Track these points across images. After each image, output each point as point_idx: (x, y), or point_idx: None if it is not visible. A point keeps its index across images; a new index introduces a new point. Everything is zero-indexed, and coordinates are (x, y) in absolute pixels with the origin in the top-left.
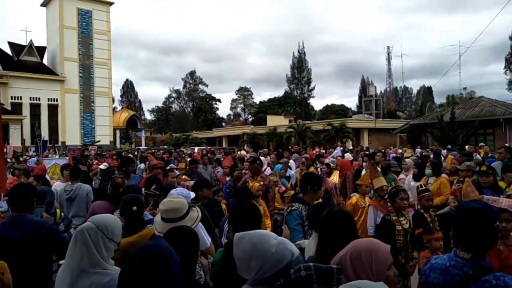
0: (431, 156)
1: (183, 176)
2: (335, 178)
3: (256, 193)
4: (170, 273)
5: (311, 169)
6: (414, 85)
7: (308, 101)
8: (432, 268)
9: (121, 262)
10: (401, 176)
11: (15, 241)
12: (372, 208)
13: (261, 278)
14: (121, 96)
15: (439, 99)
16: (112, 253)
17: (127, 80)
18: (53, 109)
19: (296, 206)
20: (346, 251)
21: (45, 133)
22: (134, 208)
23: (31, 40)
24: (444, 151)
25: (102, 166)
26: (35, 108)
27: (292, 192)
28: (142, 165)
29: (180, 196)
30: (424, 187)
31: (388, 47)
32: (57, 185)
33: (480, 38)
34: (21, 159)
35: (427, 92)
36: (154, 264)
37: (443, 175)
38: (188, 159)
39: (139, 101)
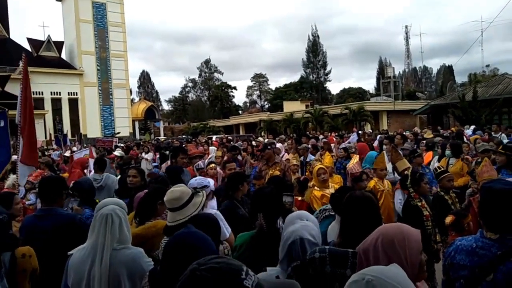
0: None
1: (211, 165)
2: (354, 161)
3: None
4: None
5: (327, 155)
6: (434, 65)
7: (325, 85)
8: (457, 250)
9: None
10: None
11: (44, 233)
12: (399, 191)
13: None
14: (138, 87)
15: (460, 78)
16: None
17: (143, 71)
18: (73, 103)
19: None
20: (375, 236)
21: (66, 127)
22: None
23: (49, 36)
24: (468, 131)
25: (117, 153)
26: (56, 102)
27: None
28: (149, 155)
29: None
30: (442, 169)
31: (406, 26)
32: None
33: (503, 12)
34: (46, 152)
35: (447, 71)
36: (186, 250)
37: (468, 157)
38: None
39: (156, 92)
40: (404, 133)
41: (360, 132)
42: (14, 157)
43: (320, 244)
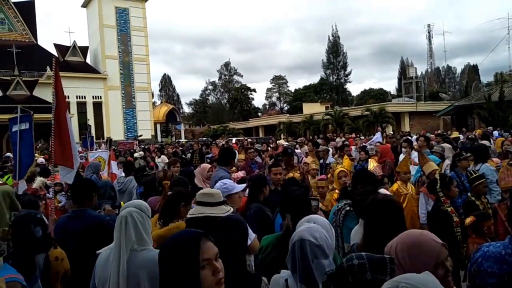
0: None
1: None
2: (372, 165)
3: None
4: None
5: (345, 159)
6: (458, 64)
7: (345, 87)
8: (485, 256)
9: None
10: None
11: (75, 234)
12: (423, 195)
13: None
14: (160, 90)
15: (486, 78)
16: (151, 230)
17: (164, 74)
18: (97, 106)
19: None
20: (395, 243)
21: (91, 130)
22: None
23: (74, 41)
24: (496, 133)
25: (137, 154)
26: (81, 106)
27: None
28: (162, 157)
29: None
30: (476, 173)
31: (429, 25)
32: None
33: None
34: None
35: (472, 71)
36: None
37: (494, 159)
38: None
39: (177, 95)
40: (427, 135)
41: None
42: (41, 159)
43: (328, 246)
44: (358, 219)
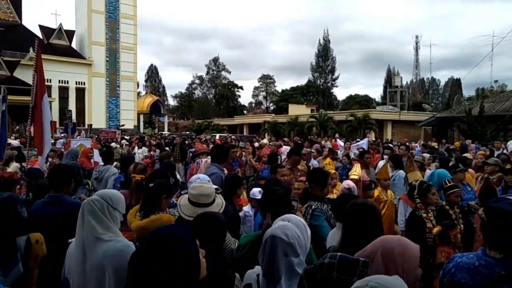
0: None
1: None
2: (357, 170)
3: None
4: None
5: (328, 161)
6: (442, 77)
7: (331, 91)
8: (458, 267)
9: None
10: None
11: (52, 220)
12: (403, 202)
13: None
14: (146, 81)
15: (468, 92)
16: (119, 223)
17: (151, 65)
18: (80, 92)
19: (314, 205)
20: (376, 246)
21: (72, 116)
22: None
23: (60, 24)
24: (473, 146)
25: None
26: (63, 91)
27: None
28: (143, 149)
29: (207, 182)
30: (450, 183)
31: (417, 36)
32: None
33: None
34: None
35: (455, 84)
36: (162, 248)
37: (469, 169)
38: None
39: (163, 87)
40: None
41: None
42: (17, 142)
43: (299, 245)
44: (322, 214)
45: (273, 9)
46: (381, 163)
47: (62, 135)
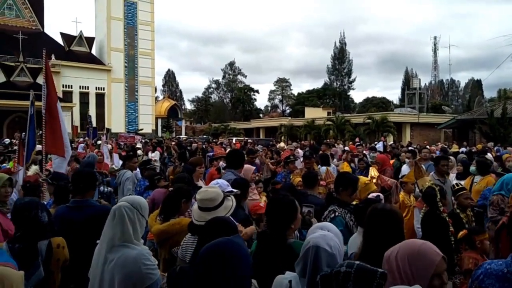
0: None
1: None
2: (372, 173)
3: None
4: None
5: (345, 165)
6: (462, 78)
7: (348, 93)
8: (486, 274)
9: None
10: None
11: (76, 224)
12: (418, 210)
13: None
14: (163, 85)
15: (489, 94)
16: (143, 229)
17: (168, 70)
18: (100, 98)
19: (338, 211)
20: (393, 250)
21: (92, 121)
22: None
23: (81, 31)
24: (496, 148)
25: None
26: (84, 96)
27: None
28: (156, 153)
29: (215, 186)
30: (459, 186)
31: (435, 37)
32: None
33: None
34: (72, 145)
35: (476, 85)
36: (218, 260)
37: (492, 174)
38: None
39: (180, 91)
40: (428, 146)
41: (384, 143)
42: (39, 146)
43: (339, 254)
44: (341, 225)
45: (287, 12)
46: (405, 167)
47: (84, 139)
